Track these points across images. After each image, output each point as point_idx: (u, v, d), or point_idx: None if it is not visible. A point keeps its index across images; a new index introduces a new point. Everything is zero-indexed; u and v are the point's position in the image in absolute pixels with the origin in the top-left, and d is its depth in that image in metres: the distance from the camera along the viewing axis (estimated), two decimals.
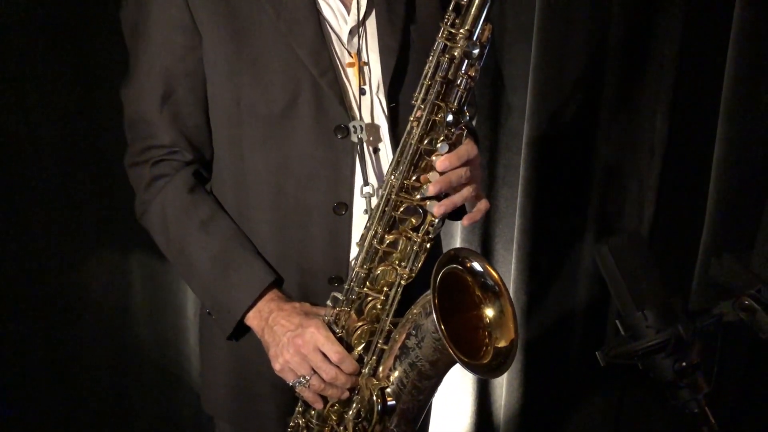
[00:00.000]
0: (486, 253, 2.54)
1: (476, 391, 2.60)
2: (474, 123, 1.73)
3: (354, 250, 1.41)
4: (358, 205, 1.42)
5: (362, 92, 1.42)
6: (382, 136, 1.44)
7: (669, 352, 1.10)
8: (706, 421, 1.12)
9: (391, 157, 1.39)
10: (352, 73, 1.41)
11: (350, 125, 1.38)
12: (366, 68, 1.43)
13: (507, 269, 2.51)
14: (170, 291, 2.38)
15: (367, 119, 1.42)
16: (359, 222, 1.41)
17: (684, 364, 1.10)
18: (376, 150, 1.44)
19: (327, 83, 1.36)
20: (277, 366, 1.36)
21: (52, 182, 2.05)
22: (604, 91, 2.30)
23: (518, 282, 2.44)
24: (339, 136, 1.38)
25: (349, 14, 1.41)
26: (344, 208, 1.41)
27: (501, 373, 1.31)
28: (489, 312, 1.34)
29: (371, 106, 1.43)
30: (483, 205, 1.42)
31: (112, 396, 2.32)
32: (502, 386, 2.61)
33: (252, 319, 1.40)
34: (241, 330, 1.43)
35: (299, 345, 1.33)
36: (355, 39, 1.42)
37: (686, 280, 2.23)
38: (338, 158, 1.40)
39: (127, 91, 1.45)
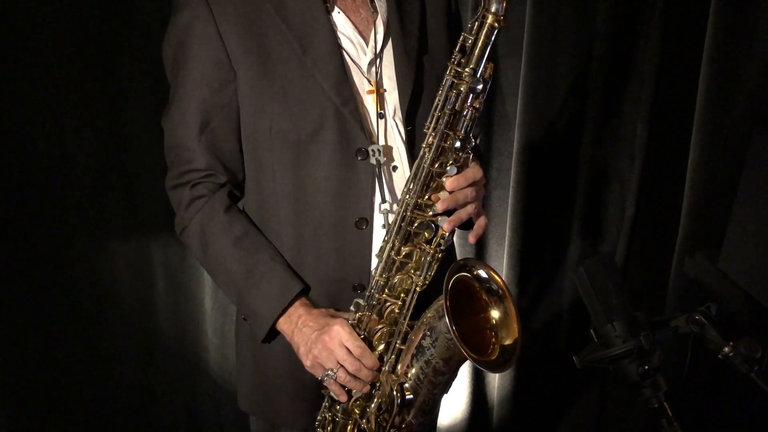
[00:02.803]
0: (480, 250, 2.65)
1: (471, 375, 2.73)
2: (478, 141, 1.84)
3: (375, 261, 1.50)
4: (378, 219, 1.52)
5: (380, 116, 1.51)
6: (399, 156, 1.54)
7: (633, 358, 1.22)
8: (665, 414, 1.24)
9: (408, 175, 1.48)
10: (371, 100, 1.51)
11: (369, 149, 1.48)
12: (384, 95, 1.52)
13: (499, 264, 2.63)
14: (189, 288, 2.47)
15: (385, 141, 1.52)
16: (379, 235, 1.51)
17: (647, 367, 1.22)
18: (394, 168, 1.53)
19: (349, 111, 1.46)
20: (307, 362, 1.47)
21: (83, 195, 2.14)
22: (589, 101, 2.40)
23: (509, 276, 2.57)
24: (360, 158, 1.48)
25: (367, 45, 1.51)
26: (365, 222, 1.51)
27: (507, 369, 1.42)
28: (495, 314, 1.45)
29: (388, 129, 1.52)
30: (483, 221, 1.54)
31: (138, 383, 2.42)
32: None
33: (282, 324, 1.51)
34: (273, 334, 1.54)
35: (326, 341, 1.44)
36: (374, 68, 1.51)
37: (664, 275, 2.34)
38: (359, 178, 1.49)
39: (167, 120, 1.54)
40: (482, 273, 1.46)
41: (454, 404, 2.77)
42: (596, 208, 2.53)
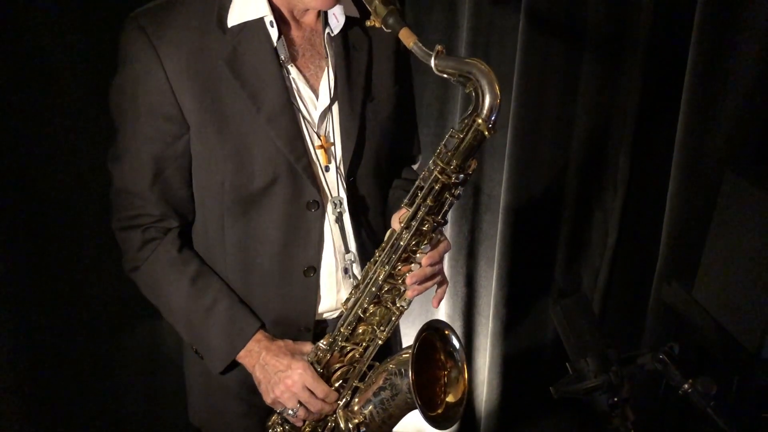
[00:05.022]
0: (470, 271, 2.76)
1: None
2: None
3: (321, 305, 1.61)
4: (324, 267, 1.59)
5: (326, 169, 1.55)
6: (343, 207, 1.58)
7: (604, 390, 1.34)
8: None
9: (350, 224, 1.58)
10: (320, 154, 1.54)
11: (331, 201, 1.54)
12: (331, 148, 1.56)
13: (489, 284, 2.73)
14: None
15: (336, 193, 1.57)
16: (325, 281, 1.60)
17: (616, 399, 1.34)
18: (338, 219, 1.58)
19: (302, 167, 1.49)
20: (268, 399, 1.55)
21: (98, 224, 2.09)
22: (575, 135, 2.48)
23: (498, 297, 2.66)
24: (312, 210, 1.53)
25: (317, 99, 1.53)
26: (312, 270, 1.57)
27: (448, 427, 1.53)
28: (448, 374, 1.57)
29: (335, 181, 1.57)
30: (445, 287, 1.62)
31: (142, 391, 2.52)
32: (483, 384, 2.84)
33: (244, 358, 1.57)
34: (229, 366, 1.59)
35: (289, 385, 1.52)
36: (324, 123, 1.54)
37: (644, 300, 2.43)
38: (309, 227, 1.55)
39: (117, 167, 1.53)
40: (453, 340, 1.58)
41: None
42: (581, 235, 2.61)
